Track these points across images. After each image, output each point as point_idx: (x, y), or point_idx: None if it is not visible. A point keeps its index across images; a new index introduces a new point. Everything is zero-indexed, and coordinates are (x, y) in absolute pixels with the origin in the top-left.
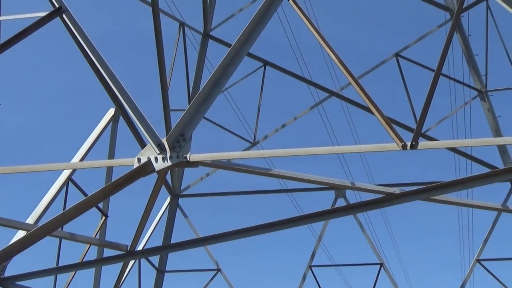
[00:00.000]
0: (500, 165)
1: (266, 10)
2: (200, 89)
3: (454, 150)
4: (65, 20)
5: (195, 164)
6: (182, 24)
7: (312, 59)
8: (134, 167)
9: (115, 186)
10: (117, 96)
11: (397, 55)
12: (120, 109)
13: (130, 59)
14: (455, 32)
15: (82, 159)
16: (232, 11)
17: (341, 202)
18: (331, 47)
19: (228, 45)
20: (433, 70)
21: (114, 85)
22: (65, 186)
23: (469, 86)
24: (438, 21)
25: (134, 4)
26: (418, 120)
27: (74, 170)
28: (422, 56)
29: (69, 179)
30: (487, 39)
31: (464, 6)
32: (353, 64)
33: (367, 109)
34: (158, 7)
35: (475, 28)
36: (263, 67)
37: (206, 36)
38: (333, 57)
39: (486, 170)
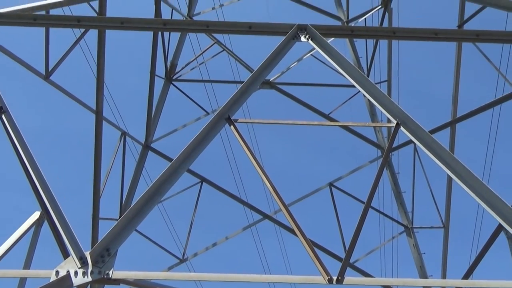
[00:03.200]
0: None
1: (208, 132)
2: (133, 204)
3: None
4: (3, 121)
5: (117, 282)
6: (123, 134)
7: (249, 180)
8: (51, 280)
9: None
10: (44, 200)
11: (331, 184)
12: (45, 213)
13: (66, 159)
14: (385, 169)
15: None
16: (176, 125)
17: None
18: (265, 172)
19: (168, 158)
20: (363, 203)
21: (41, 188)
22: None
23: (396, 221)
24: (372, 155)
25: (77, 108)
26: (346, 252)
27: None
28: (355, 187)
29: None
30: (414, 178)
31: (393, 146)
32: (289, 189)
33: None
34: (101, 115)
35: (404, 166)
36: (200, 184)
37: (147, 147)
38: (267, 182)
39: None
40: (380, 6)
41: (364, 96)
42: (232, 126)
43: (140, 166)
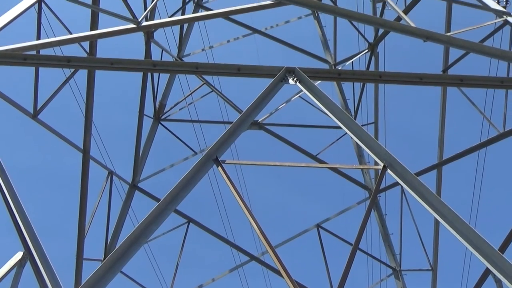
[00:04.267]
0: None
1: (195, 173)
2: (118, 245)
3: None
4: None
5: None
6: (110, 173)
7: (237, 221)
8: None
9: None
10: (26, 240)
11: (318, 226)
12: (28, 254)
13: (52, 198)
14: (372, 210)
15: None
16: (163, 164)
17: None
18: (252, 214)
19: (155, 198)
20: (351, 244)
21: (24, 228)
22: None
23: (384, 263)
24: (359, 196)
25: (64, 147)
26: None
27: None
28: (342, 229)
29: None
30: (402, 220)
31: (381, 187)
32: (276, 230)
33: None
34: (88, 154)
35: (392, 207)
36: (187, 224)
37: (133, 187)
38: (253, 224)
39: None
40: (366, 50)
41: (352, 138)
42: (219, 167)
43: (126, 205)
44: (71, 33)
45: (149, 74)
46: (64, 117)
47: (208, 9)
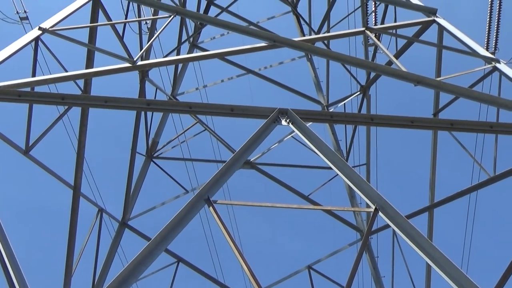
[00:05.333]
0: None
1: (186, 213)
2: (106, 286)
3: None
4: None
5: None
6: (100, 210)
7: (227, 261)
8: None
9: None
10: (11, 277)
11: (309, 267)
12: None
13: (41, 234)
14: (364, 252)
15: None
16: (155, 202)
17: None
18: (242, 254)
19: (145, 236)
20: (342, 287)
21: (10, 264)
22: None
23: None
24: (351, 238)
25: (55, 182)
26: None
27: None
28: (334, 271)
29: None
30: (393, 263)
31: (372, 229)
32: (267, 271)
33: None
34: (79, 191)
35: (383, 249)
36: (176, 264)
37: (123, 224)
38: (243, 265)
39: None
40: (359, 92)
41: (343, 180)
42: (211, 207)
43: (116, 244)
44: (66, 71)
45: (143, 112)
46: (56, 152)
47: (203, 49)
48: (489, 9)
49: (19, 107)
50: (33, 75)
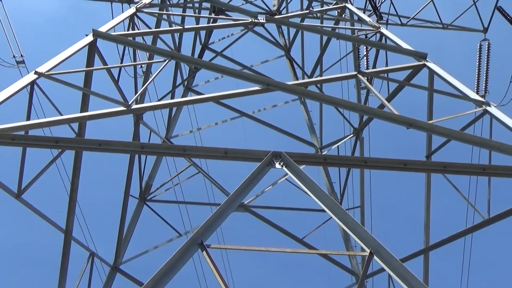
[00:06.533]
0: None
1: (179, 257)
2: None
3: None
4: None
5: None
6: (91, 254)
7: None
8: None
9: None
10: None
11: None
12: None
13: (31, 278)
14: None
15: None
16: (147, 245)
17: None
18: None
19: (137, 281)
20: None
21: None
22: None
23: None
24: (346, 281)
25: (47, 226)
26: None
27: None
28: None
29: None
30: None
31: (368, 273)
32: None
33: None
34: (70, 235)
35: None
36: None
37: (115, 269)
38: None
39: None
40: (352, 135)
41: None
42: (204, 252)
43: None
44: (61, 114)
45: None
46: (48, 194)
47: (197, 93)
48: (478, 52)
49: (12, 149)
50: (28, 118)
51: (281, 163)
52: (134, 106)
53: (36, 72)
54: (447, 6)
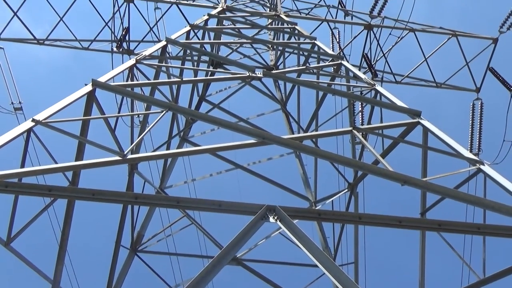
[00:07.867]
0: None
1: None
2: None
3: None
4: None
5: None
6: None
7: None
8: None
9: None
10: None
11: None
12: None
13: None
14: None
15: None
16: None
17: None
18: None
19: None
20: None
21: None
22: None
23: None
24: None
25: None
26: None
27: None
28: None
29: None
30: None
31: None
32: None
33: None
34: (58, 285)
35: None
36: None
37: None
38: None
39: None
40: (346, 190)
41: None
42: None
43: None
44: (56, 162)
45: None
46: (38, 240)
47: (193, 144)
48: (471, 111)
49: (3, 196)
50: (22, 165)
51: (275, 217)
52: (130, 156)
53: (33, 120)
54: (441, 65)
